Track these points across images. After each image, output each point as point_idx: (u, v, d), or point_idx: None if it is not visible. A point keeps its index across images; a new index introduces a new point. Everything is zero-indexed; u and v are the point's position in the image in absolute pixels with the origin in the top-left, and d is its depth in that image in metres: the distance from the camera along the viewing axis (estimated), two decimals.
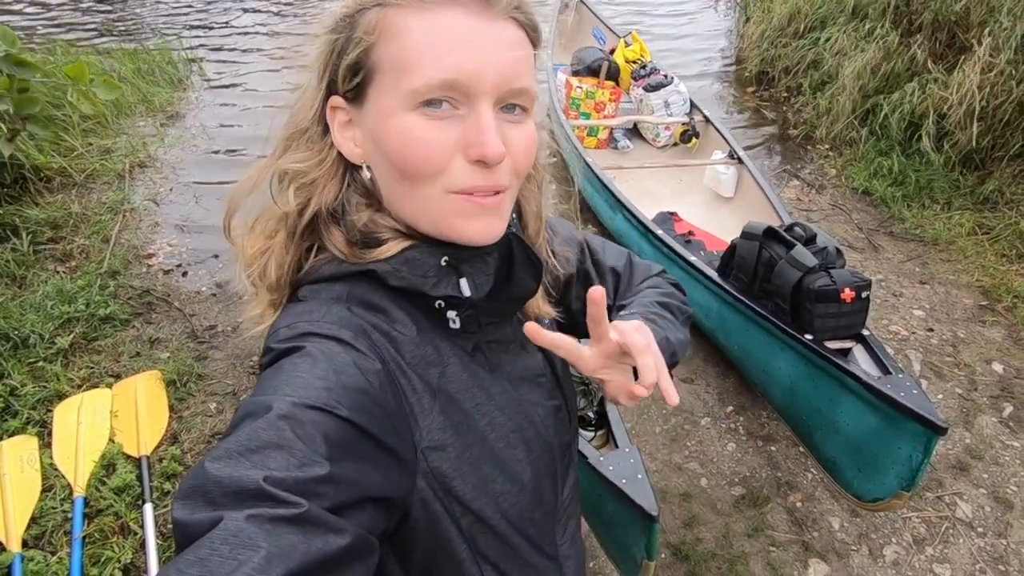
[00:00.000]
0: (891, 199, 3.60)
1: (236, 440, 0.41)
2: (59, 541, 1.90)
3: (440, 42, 0.48)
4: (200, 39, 6.02)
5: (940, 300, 2.98)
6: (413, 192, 0.53)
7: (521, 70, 0.52)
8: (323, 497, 0.40)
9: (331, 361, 0.48)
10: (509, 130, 0.52)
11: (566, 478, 0.69)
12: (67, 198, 3.45)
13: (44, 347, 2.51)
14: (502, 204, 0.54)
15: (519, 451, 0.60)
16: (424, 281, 0.55)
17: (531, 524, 0.61)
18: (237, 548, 0.35)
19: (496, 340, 0.62)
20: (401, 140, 0.50)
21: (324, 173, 0.56)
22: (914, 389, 1.68)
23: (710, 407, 2.48)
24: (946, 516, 2.07)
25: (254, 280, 0.58)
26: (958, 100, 3.37)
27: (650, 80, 3.95)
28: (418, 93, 0.49)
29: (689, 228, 3.13)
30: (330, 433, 0.43)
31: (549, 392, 0.67)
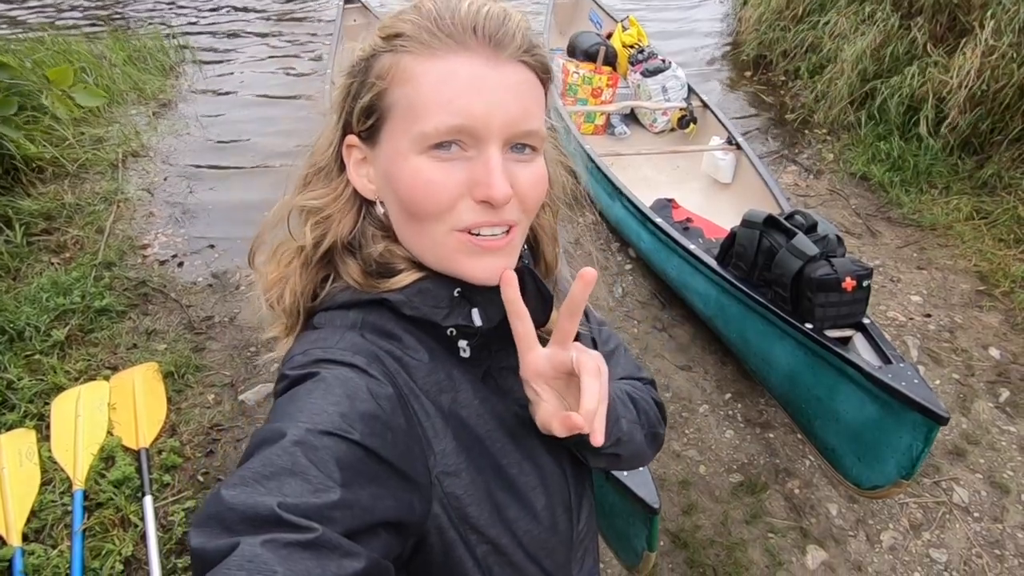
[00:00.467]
0: (889, 184, 3.59)
1: (251, 467, 0.42)
2: (59, 534, 1.91)
3: (449, 87, 0.50)
4: (191, 25, 5.93)
5: (938, 285, 2.98)
6: (421, 230, 0.54)
7: (529, 112, 0.53)
8: (337, 522, 0.41)
9: (344, 387, 0.48)
10: (517, 169, 0.54)
11: (580, 507, 0.68)
12: (60, 188, 3.41)
13: (40, 340, 2.50)
14: (509, 244, 0.55)
15: (531, 479, 0.60)
16: (436, 312, 0.56)
17: (546, 555, 0.61)
18: (253, 573, 0.35)
19: (507, 366, 0.62)
20: (411, 182, 0.52)
21: (340, 208, 0.59)
22: (915, 378, 1.68)
23: (708, 394, 2.49)
24: (943, 501, 2.09)
25: (271, 304, 0.61)
26: (958, 84, 3.34)
27: (648, 65, 3.91)
28: (428, 137, 0.51)
29: (687, 215, 3.12)
30: (343, 458, 0.44)
31: None
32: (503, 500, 0.57)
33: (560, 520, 0.63)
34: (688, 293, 2.61)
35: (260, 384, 2.47)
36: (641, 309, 2.91)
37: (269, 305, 0.61)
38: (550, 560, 0.62)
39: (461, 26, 0.51)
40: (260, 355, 2.62)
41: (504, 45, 0.52)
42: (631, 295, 2.99)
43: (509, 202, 0.52)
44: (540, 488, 0.60)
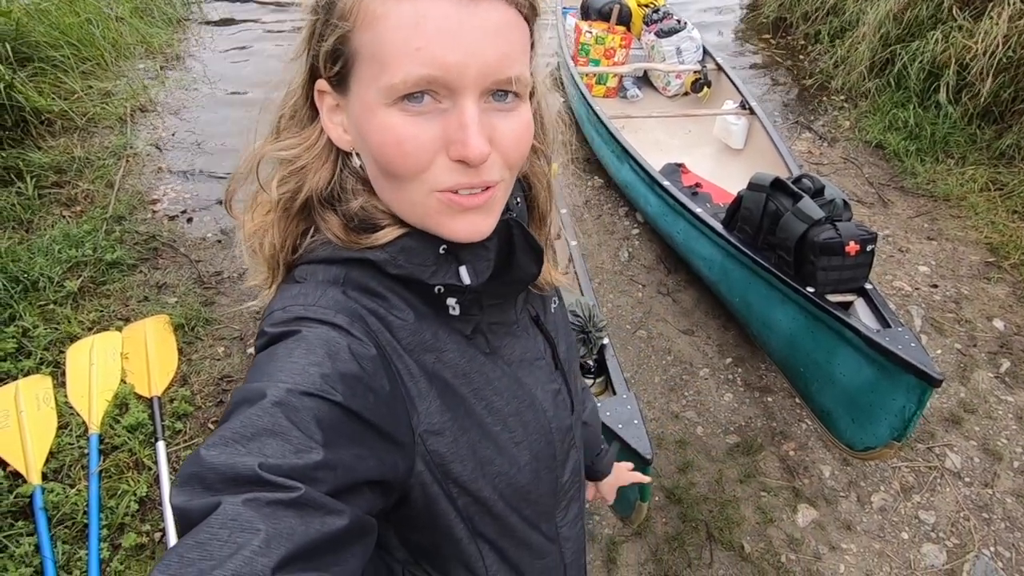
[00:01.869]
0: (904, 153, 3.53)
1: (231, 427, 0.41)
2: (77, 475, 1.99)
3: (418, 32, 0.44)
4: None
5: (947, 256, 2.96)
6: (399, 189, 0.51)
7: (510, 57, 0.48)
8: (320, 482, 0.40)
9: (326, 347, 0.47)
10: (498, 120, 0.49)
11: (566, 461, 0.68)
12: (69, 142, 3.42)
13: (54, 290, 2.55)
14: (489, 201, 0.51)
15: (517, 434, 0.60)
16: (423, 269, 0.54)
17: (527, 504, 0.62)
18: (236, 531, 0.35)
19: (498, 322, 0.61)
20: (381, 139, 0.48)
21: (315, 158, 0.54)
22: (912, 342, 1.69)
23: (709, 358, 2.51)
24: (935, 466, 2.12)
25: (251, 253, 0.59)
26: (983, 50, 3.24)
27: (662, 25, 3.82)
28: (396, 88, 0.46)
29: (696, 180, 3.09)
30: (325, 419, 0.43)
31: (548, 375, 0.66)
32: (486, 456, 0.57)
33: (543, 474, 0.63)
34: (693, 257, 2.61)
35: None
36: (646, 273, 2.92)
37: (249, 254, 0.59)
38: (531, 509, 0.63)
39: None
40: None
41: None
42: (637, 259, 2.99)
43: (486, 161, 0.48)
44: (525, 443, 0.61)
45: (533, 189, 0.65)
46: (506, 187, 0.54)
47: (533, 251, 0.58)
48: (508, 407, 0.59)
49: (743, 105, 3.29)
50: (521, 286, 0.62)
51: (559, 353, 0.70)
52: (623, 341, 2.58)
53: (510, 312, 0.63)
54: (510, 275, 0.58)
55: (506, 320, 0.63)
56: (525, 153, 0.53)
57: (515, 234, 0.57)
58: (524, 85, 0.50)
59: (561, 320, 0.74)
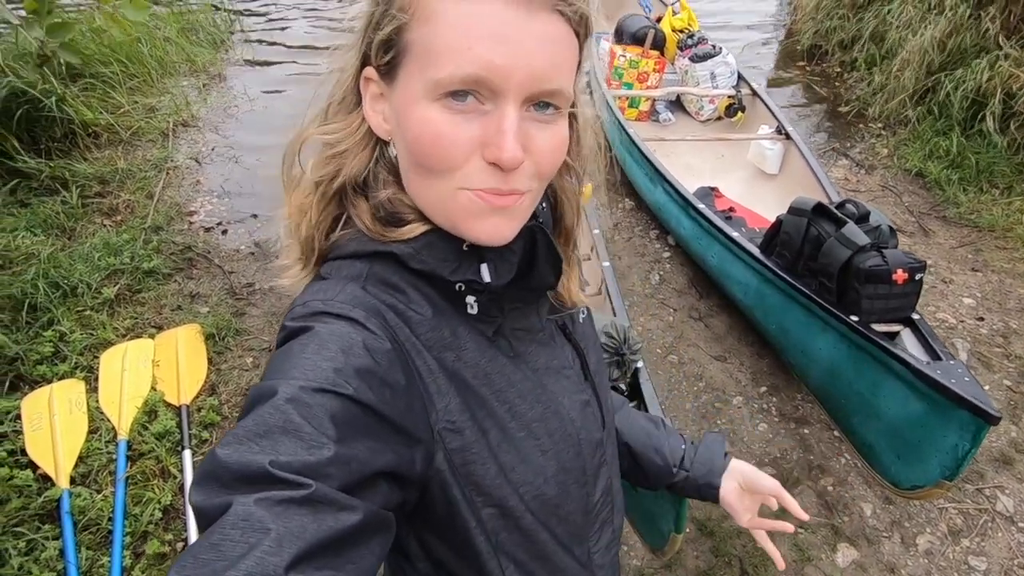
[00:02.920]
0: (946, 182, 3.43)
1: (244, 426, 0.41)
2: (104, 480, 1.99)
3: (471, 33, 0.45)
4: (243, 1, 6.03)
5: (993, 289, 2.85)
6: (428, 183, 0.51)
7: (557, 69, 0.48)
8: (332, 478, 0.40)
9: (339, 341, 0.47)
10: (535, 130, 0.50)
11: (597, 478, 0.66)
12: (114, 154, 3.53)
13: (92, 297, 2.60)
14: (516, 204, 0.51)
15: (543, 441, 0.58)
16: (444, 265, 0.54)
17: (558, 522, 0.60)
18: (247, 532, 0.36)
19: (522, 328, 0.61)
20: (420, 131, 0.48)
21: (355, 144, 0.56)
22: (965, 376, 1.61)
23: (743, 386, 2.44)
24: (985, 509, 2.01)
25: (288, 232, 0.60)
26: None
27: (697, 50, 3.81)
28: (442, 84, 0.47)
29: (730, 204, 3.04)
30: (338, 414, 0.43)
31: (577, 385, 0.65)
32: (508, 462, 0.56)
33: (572, 487, 0.61)
34: (727, 282, 2.55)
35: None
36: (677, 297, 2.86)
37: (287, 233, 0.60)
38: (563, 528, 0.61)
39: None
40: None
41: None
42: (668, 282, 2.94)
43: (519, 167, 0.49)
44: (552, 452, 0.59)
45: (559, 202, 0.64)
46: (533, 197, 0.54)
47: (553, 260, 0.58)
48: (532, 412, 0.58)
49: (779, 130, 3.25)
50: (538, 293, 0.62)
51: (589, 364, 0.68)
52: (654, 366, 2.52)
53: (533, 318, 0.62)
54: (530, 281, 0.58)
55: (530, 327, 0.62)
56: (557, 166, 0.53)
57: (539, 241, 0.57)
58: (566, 99, 0.50)
59: (590, 332, 0.73)
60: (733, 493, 0.84)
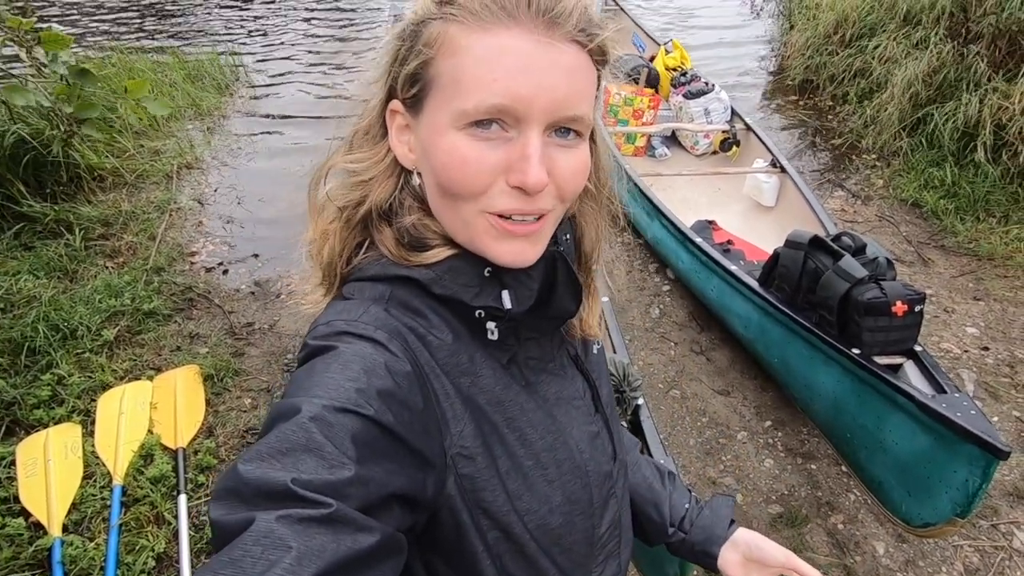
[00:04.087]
0: (943, 211, 3.45)
1: (267, 442, 0.42)
2: (97, 527, 1.95)
3: (495, 64, 0.48)
4: (246, 47, 6.21)
5: (996, 318, 2.83)
6: (453, 207, 0.53)
7: (578, 96, 0.51)
8: (351, 498, 0.41)
9: (362, 362, 0.48)
10: (558, 155, 0.52)
11: (605, 510, 0.65)
12: (118, 197, 3.58)
13: (91, 339, 2.60)
14: (539, 231, 0.54)
15: (550, 471, 0.58)
16: (466, 291, 0.55)
17: (561, 551, 0.60)
18: (269, 549, 0.36)
19: (535, 357, 0.62)
20: (447, 158, 0.51)
21: (380, 173, 0.58)
22: (972, 409, 1.59)
23: (747, 421, 2.40)
24: (1002, 546, 1.95)
25: (310, 257, 0.62)
26: (1021, 110, 3.21)
27: (690, 87, 3.89)
28: (468, 114, 0.49)
29: (728, 237, 3.06)
30: (359, 435, 0.44)
31: (587, 417, 0.65)
32: (516, 489, 0.56)
33: (577, 519, 0.61)
34: (727, 315, 2.55)
35: None
36: (678, 331, 2.85)
37: (309, 257, 0.62)
38: (565, 558, 0.60)
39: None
40: (296, 362, 2.67)
41: (559, 23, 0.49)
42: (668, 316, 2.93)
43: (543, 190, 0.51)
44: (558, 483, 0.59)
45: (579, 230, 0.66)
46: (555, 219, 0.55)
47: (573, 288, 0.59)
48: (542, 441, 0.58)
49: (774, 163, 3.29)
50: (558, 322, 0.62)
51: (600, 395, 0.68)
52: (655, 401, 2.49)
53: (547, 348, 0.63)
54: (549, 309, 0.59)
55: (544, 356, 0.63)
56: (579, 188, 0.55)
57: (559, 268, 0.58)
58: (586, 125, 0.53)
59: (602, 364, 0.73)
60: (735, 566, 0.78)
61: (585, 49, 0.51)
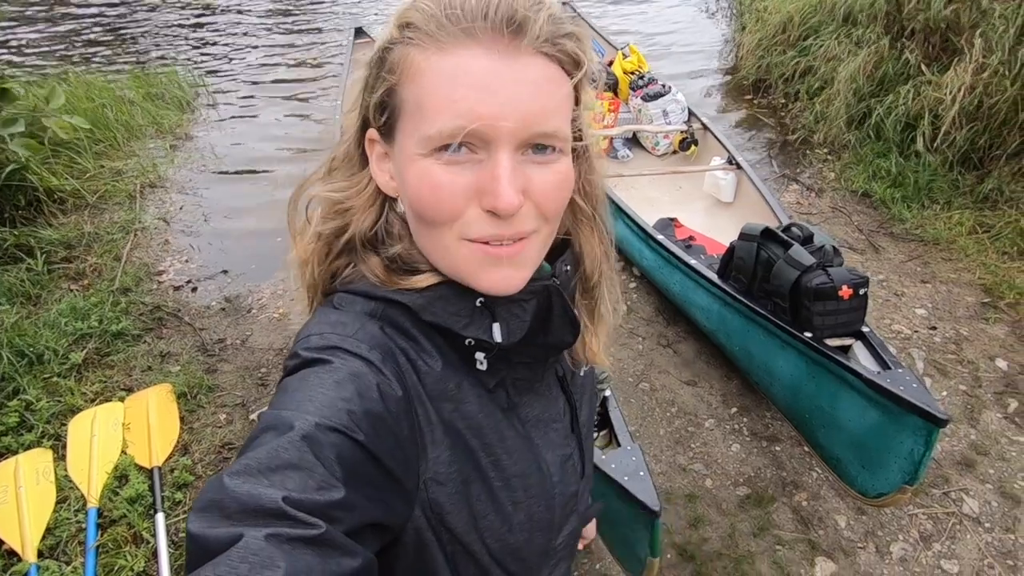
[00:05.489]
0: (891, 200, 3.62)
1: (256, 457, 0.41)
2: (74, 551, 1.94)
3: (456, 85, 0.46)
4: (208, 64, 6.16)
5: (942, 298, 2.99)
6: (432, 235, 0.52)
7: (549, 111, 0.48)
8: (338, 521, 0.41)
9: (356, 383, 0.47)
10: (534, 172, 0.49)
11: (564, 526, 0.66)
12: (80, 219, 3.53)
13: (58, 363, 2.57)
14: (521, 253, 0.51)
15: (517, 495, 0.59)
16: (456, 320, 0.54)
17: (514, 560, 0.61)
18: (256, 567, 0.35)
19: (523, 379, 0.61)
20: (418, 185, 0.49)
21: (362, 202, 0.57)
22: (914, 383, 1.70)
23: (714, 409, 2.50)
24: (953, 512, 2.07)
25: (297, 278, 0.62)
26: (951, 100, 3.40)
27: (648, 90, 4.01)
28: (432, 139, 0.47)
29: (689, 233, 3.16)
30: (347, 458, 0.43)
31: (563, 439, 0.65)
32: (481, 510, 0.57)
33: (536, 536, 0.62)
34: (691, 308, 2.64)
35: None
36: (646, 326, 2.94)
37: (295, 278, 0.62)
38: (518, 565, 0.62)
39: (471, 13, 0.47)
40: (271, 375, 2.68)
41: (522, 34, 0.47)
42: (635, 312, 3.02)
43: (516, 213, 0.48)
44: (523, 504, 0.60)
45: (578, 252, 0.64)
46: (541, 240, 0.53)
47: (570, 320, 0.58)
48: (515, 467, 0.59)
49: (730, 160, 3.42)
50: (554, 352, 0.61)
51: (579, 417, 0.69)
52: (626, 395, 2.57)
53: (537, 370, 0.62)
54: (544, 339, 0.58)
55: (532, 378, 0.62)
56: (562, 205, 0.53)
57: (554, 300, 0.56)
58: (563, 139, 0.51)
59: (589, 385, 0.74)
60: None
61: (554, 60, 0.49)
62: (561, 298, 0.57)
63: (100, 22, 7.18)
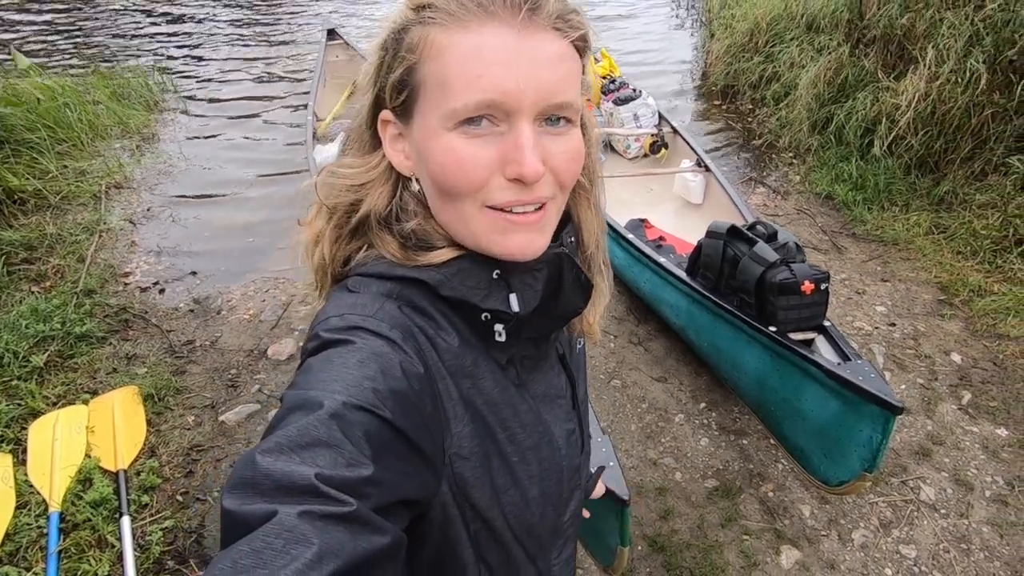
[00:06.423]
0: (852, 202, 3.75)
1: (287, 435, 0.41)
2: (34, 556, 1.88)
3: (478, 62, 0.49)
4: (177, 63, 6.06)
5: (901, 296, 3.10)
6: (453, 208, 0.54)
7: (564, 83, 0.51)
8: (369, 497, 0.41)
9: (379, 361, 0.48)
10: (551, 143, 0.52)
11: (570, 500, 0.69)
12: (42, 219, 3.44)
13: (19, 366, 2.49)
14: (541, 220, 0.54)
15: (532, 468, 0.61)
16: (475, 293, 0.56)
17: (530, 538, 0.63)
18: (291, 543, 0.36)
19: (530, 356, 0.63)
20: (442, 159, 0.51)
21: (375, 180, 0.58)
22: (872, 373, 1.76)
23: (684, 404, 2.55)
24: (911, 500, 2.14)
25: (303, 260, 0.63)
26: (907, 106, 3.54)
27: (619, 94, 4.08)
28: (457, 113, 0.50)
29: (660, 234, 3.23)
30: (375, 435, 0.44)
31: (566, 414, 0.68)
32: (502, 485, 0.58)
33: (548, 511, 0.64)
34: (661, 306, 2.69)
35: (241, 405, 2.48)
36: (617, 324, 2.98)
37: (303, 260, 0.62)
38: (533, 542, 0.64)
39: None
40: (241, 376, 2.64)
41: (537, 13, 0.50)
42: (607, 311, 3.06)
43: (540, 179, 0.51)
44: (537, 478, 0.62)
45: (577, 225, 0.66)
46: (557, 207, 0.56)
47: (581, 286, 0.60)
48: (529, 440, 0.61)
49: (699, 163, 3.50)
50: (563, 321, 0.63)
51: (577, 395, 0.72)
52: (598, 392, 2.61)
53: (543, 347, 0.65)
54: (555, 309, 0.60)
55: (537, 354, 0.64)
56: (576, 173, 0.56)
57: (565, 267, 0.59)
58: (575, 111, 0.54)
59: (582, 363, 0.77)
60: None
61: (566, 36, 0.52)
62: (572, 263, 0.59)
63: (61, 21, 7.01)
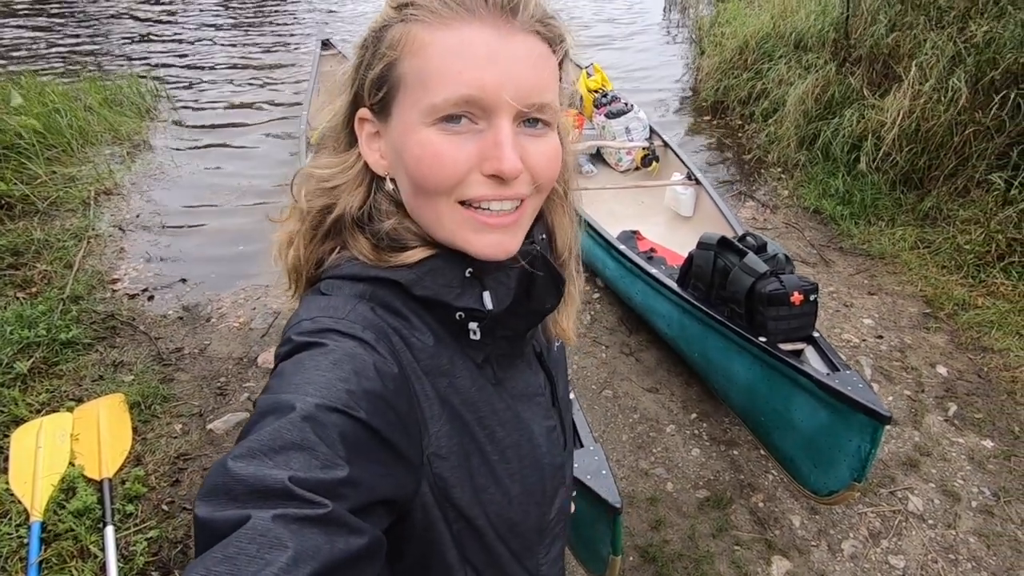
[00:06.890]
0: (840, 217, 3.80)
1: (259, 439, 0.41)
2: (14, 567, 1.84)
3: (460, 58, 0.49)
4: (169, 70, 6.06)
5: (888, 309, 3.14)
6: (428, 204, 0.54)
7: (542, 85, 0.52)
8: (344, 499, 0.41)
9: (352, 362, 0.48)
10: (528, 143, 0.53)
11: (555, 498, 0.69)
12: (29, 225, 3.40)
13: (2, 372, 2.46)
14: (517, 221, 0.55)
15: (512, 466, 0.61)
16: (448, 291, 0.56)
17: (514, 537, 0.63)
18: (264, 547, 0.35)
19: (506, 354, 0.63)
20: (419, 154, 0.51)
21: (349, 181, 0.58)
22: (860, 383, 1.78)
23: (675, 415, 2.55)
24: (899, 510, 2.16)
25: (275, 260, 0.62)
26: (891, 123, 3.61)
27: (611, 108, 4.13)
28: (437, 108, 0.50)
29: (651, 246, 3.25)
30: (349, 435, 0.44)
31: (546, 411, 0.68)
32: (482, 484, 0.58)
33: (531, 508, 0.64)
34: (652, 316, 2.71)
35: (229, 413, 2.46)
36: (609, 335, 2.99)
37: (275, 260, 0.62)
38: (518, 542, 0.64)
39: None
40: (230, 384, 2.62)
41: (517, 13, 0.51)
42: (599, 322, 3.07)
43: (519, 176, 0.52)
44: (518, 476, 0.62)
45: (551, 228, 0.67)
46: (532, 208, 0.57)
47: (554, 283, 0.61)
48: (508, 439, 0.61)
49: (689, 176, 3.54)
50: (537, 317, 0.63)
51: (557, 391, 0.72)
52: (590, 402, 2.61)
53: (517, 345, 0.64)
54: (527, 306, 0.60)
55: (513, 352, 0.64)
56: (554, 175, 0.57)
57: (539, 265, 0.59)
58: (553, 112, 0.54)
59: (562, 362, 0.77)
60: None
61: (544, 39, 0.53)
62: (545, 261, 0.60)
63: (55, 27, 6.99)
